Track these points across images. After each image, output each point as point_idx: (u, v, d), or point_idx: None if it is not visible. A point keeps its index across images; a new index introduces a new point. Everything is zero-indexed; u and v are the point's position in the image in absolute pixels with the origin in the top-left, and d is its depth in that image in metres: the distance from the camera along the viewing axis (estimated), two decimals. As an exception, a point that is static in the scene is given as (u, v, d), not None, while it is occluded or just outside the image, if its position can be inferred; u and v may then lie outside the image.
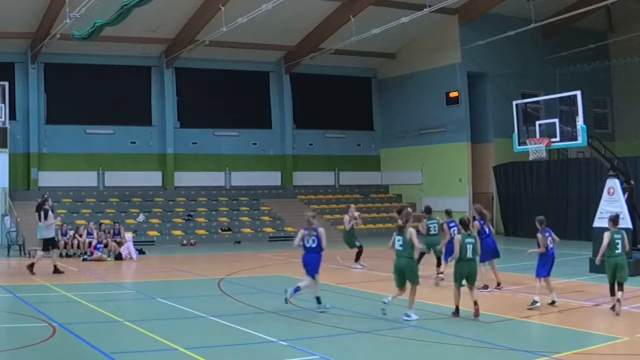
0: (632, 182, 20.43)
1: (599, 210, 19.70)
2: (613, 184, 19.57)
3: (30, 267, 20.24)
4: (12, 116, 32.29)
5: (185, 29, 33.46)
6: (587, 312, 14.01)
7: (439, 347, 11.10)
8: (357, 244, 22.45)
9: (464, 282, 13.24)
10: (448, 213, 18.47)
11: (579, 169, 31.92)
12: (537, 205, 33.39)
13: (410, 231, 12.77)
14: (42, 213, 20.78)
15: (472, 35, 34.80)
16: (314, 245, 13.97)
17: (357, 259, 22.32)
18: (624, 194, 19.45)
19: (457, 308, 13.25)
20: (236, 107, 37.64)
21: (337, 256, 24.95)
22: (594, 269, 19.06)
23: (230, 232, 32.73)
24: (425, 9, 28.66)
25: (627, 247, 13.79)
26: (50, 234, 20.82)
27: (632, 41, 34.67)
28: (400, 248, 12.88)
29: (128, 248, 25.57)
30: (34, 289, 17.19)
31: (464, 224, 13.50)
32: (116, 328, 12.50)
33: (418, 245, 12.78)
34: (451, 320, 12.99)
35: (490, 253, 16.53)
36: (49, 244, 20.67)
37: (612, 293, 13.44)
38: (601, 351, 10.70)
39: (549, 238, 14.45)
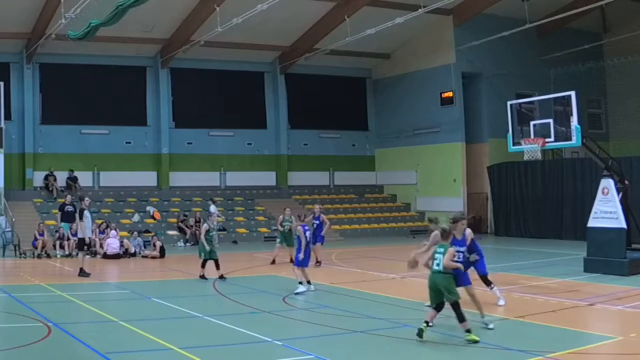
0: (626, 182, 20.48)
1: (594, 210, 19.75)
2: (607, 184, 19.62)
3: (81, 271, 20.23)
4: (7, 116, 32.23)
5: (180, 29, 33.46)
6: (581, 312, 14.05)
7: (434, 347, 11.13)
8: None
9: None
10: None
11: (574, 169, 31.98)
12: (532, 206, 33.54)
13: None
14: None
15: (467, 36, 34.86)
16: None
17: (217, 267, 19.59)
18: (618, 193, 19.50)
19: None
20: (231, 107, 37.66)
21: (331, 255, 25.02)
22: (589, 268, 19.15)
23: (225, 232, 32.73)
24: (419, 10, 28.67)
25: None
26: (81, 234, 20.81)
27: (626, 42, 34.77)
28: None
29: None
30: (29, 289, 17.19)
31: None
32: (111, 328, 12.50)
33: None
34: (446, 320, 13.00)
35: None
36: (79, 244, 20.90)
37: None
38: (595, 351, 10.73)
39: None
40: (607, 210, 19.33)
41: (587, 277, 18.38)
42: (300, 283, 16.67)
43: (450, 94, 35.98)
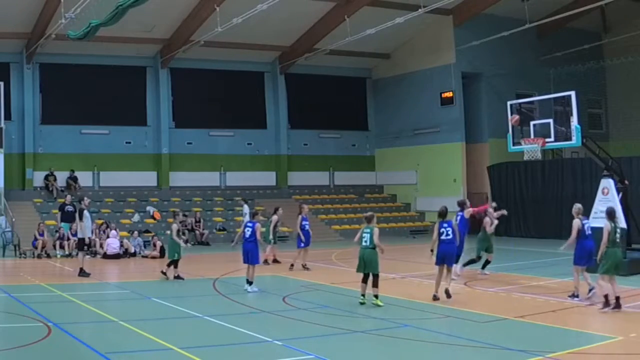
0: (626, 182, 20.50)
1: (594, 210, 19.74)
2: (607, 183, 19.63)
3: (81, 271, 20.20)
4: (8, 116, 32.21)
5: (180, 29, 33.46)
6: (581, 312, 14.04)
7: (433, 347, 11.14)
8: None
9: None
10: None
11: (574, 169, 31.98)
12: (532, 205, 33.53)
13: None
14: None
15: (467, 36, 34.86)
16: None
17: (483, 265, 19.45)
18: (618, 193, 19.51)
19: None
20: (231, 107, 37.65)
21: (331, 255, 25.02)
22: (589, 268, 19.09)
23: (225, 232, 32.72)
24: (419, 10, 28.67)
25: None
26: (81, 234, 20.82)
27: (626, 41, 34.77)
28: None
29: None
30: (29, 289, 17.18)
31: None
32: (111, 328, 12.50)
33: None
34: (446, 320, 13.03)
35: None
36: (79, 244, 20.92)
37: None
38: (595, 351, 10.72)
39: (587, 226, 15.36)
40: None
41: (587, 277, 18.35)
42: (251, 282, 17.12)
43: (450, 94, 35.96)
